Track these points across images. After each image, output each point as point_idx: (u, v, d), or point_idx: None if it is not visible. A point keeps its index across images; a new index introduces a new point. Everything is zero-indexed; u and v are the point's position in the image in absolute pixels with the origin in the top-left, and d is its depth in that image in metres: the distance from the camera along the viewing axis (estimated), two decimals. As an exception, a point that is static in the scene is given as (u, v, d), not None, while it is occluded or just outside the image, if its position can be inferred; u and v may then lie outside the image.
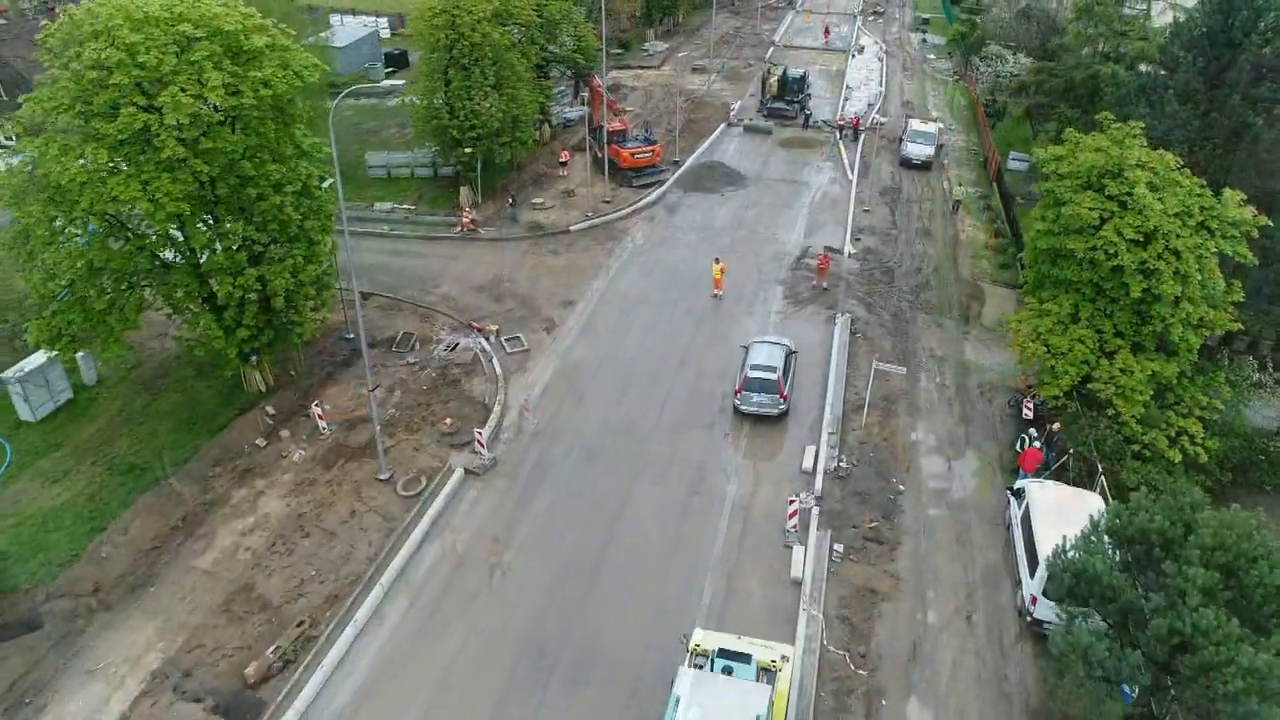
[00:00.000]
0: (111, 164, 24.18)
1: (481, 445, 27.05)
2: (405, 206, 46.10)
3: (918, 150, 51.38)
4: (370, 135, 57.36)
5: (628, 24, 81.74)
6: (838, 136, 55.68)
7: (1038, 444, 26.39)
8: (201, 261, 26.88)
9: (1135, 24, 47.76)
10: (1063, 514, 22.45)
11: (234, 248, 26.50)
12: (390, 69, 69.83)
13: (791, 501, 24.31)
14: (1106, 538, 17.72)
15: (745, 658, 18.72)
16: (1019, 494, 24.30)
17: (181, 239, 26.21)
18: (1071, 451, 25.86)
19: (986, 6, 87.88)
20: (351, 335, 33.90)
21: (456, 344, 33.64)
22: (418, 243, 42.19)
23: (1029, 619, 21.53)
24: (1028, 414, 29.19)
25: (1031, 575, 21.56)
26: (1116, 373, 24.90)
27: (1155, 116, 29.06)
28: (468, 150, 43.91)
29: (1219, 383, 26.90)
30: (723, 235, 42.62)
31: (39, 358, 28.94)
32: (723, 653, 18.91)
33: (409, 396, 30.65)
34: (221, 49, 25.03)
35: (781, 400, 28.52)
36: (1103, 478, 24.70)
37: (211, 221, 26.48)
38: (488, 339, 33.83)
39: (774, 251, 41.18)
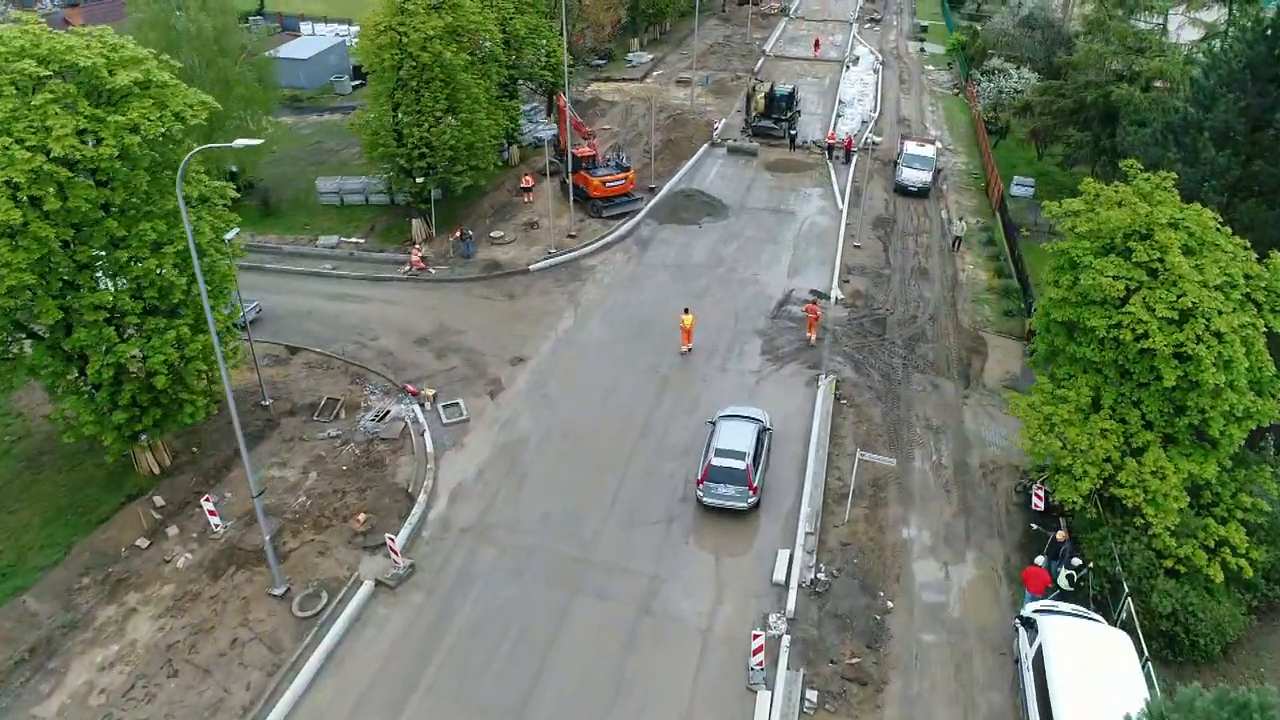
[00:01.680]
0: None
1: (395, 553, 22.97)
2: (353, 240, 42.05)
3: (914, 176, 47.29)
4: (329, 155, 53.44)
5: (612, 32, 77.78)
6: (828, 158, 51.64)
7: (1067, 553, 22.22)
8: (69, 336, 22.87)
9: (1151, 39, 43.67)
10: (1084, 660, 18.48)
11: (101, 320, 22.42)
12: (358, 82, 65.74)
13: (757, 636, 20.18)
14: (1147, 740, 13.69)
15: None
16: (1030, 624, 20.22)
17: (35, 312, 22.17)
18: (1092, 565, 21.78)
19: (988, 14, 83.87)
20: (268, 402, 29.85)
21: (387, 412, 29.57)
22: (361, 284, 38.14)
23: (1043, 799, 17.50)
24: (1038, 504, 25.14)
25: (1047, 745, 17.52)
26: (1147, 476, 20.80)
27: (1187, 163, 24.95)
28: (419, 180, 39.93)
29: (1264, 478, 22.80)
30: (698, 275, 38.56)
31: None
32: None
33: (324, 480, 26.58)
34: (77, 89, 21.04)
35: (751, 493, 24.44)
36: (1129, 601, 20.64)
37: (75, 291, 22.40)
38: (423, 406, 29.78)
39: (753, 295, 37.11)
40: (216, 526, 24.42)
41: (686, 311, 33.16)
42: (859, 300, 36.62)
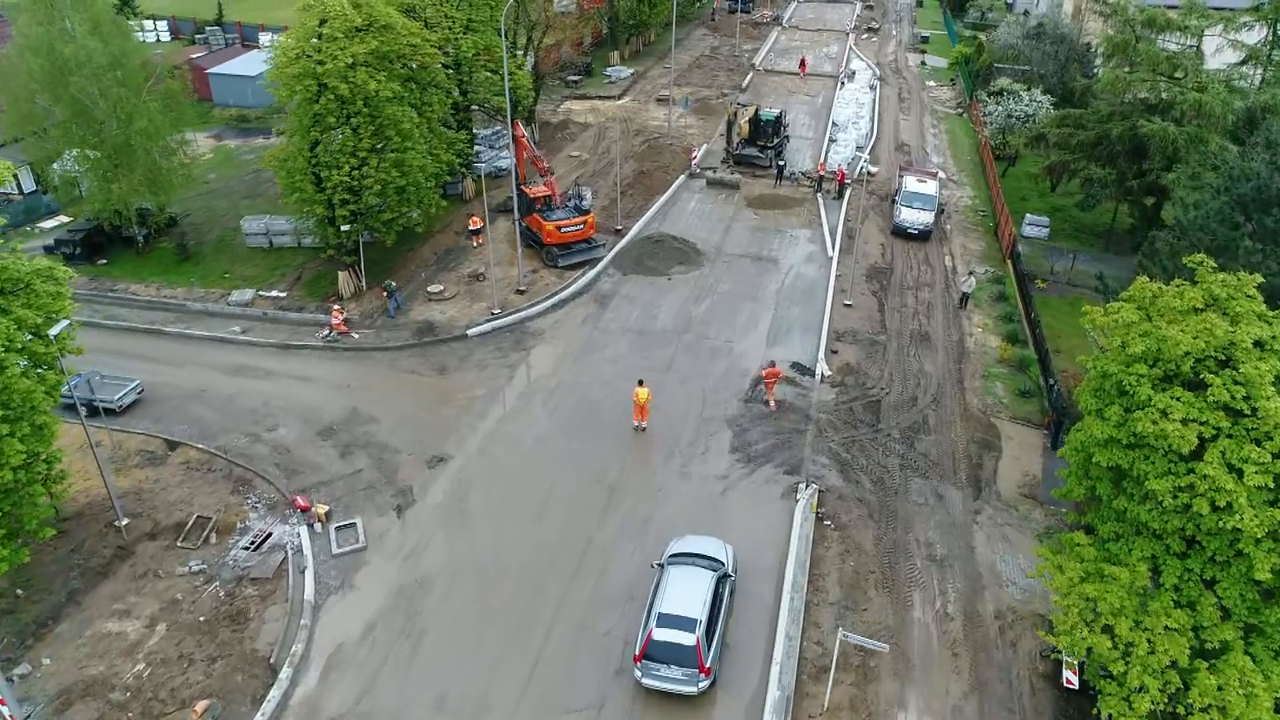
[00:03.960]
0: None
1: (228, 772, 17.56)
2: (271, 295, 36.58)
3: (914, 217, 41.78)
4: (268, 186, 47.89)
5: (593, 43, 72.36)
6: (818, 192, 46.13)
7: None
8: None
9: (1186, 62, 38.18)
10: None
11: None
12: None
13: None
14: None
15: None
16: None
17: None
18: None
19: (993, 23, 78.52)
20: (124, 521, 24.42)
21: (267, 535, 24.13)
22: (269, 354, 32.70)
23: None
24: (1070, 681, 19.66)
25: None
26: (1230, 696, 15.34)
27: (1266, 252, 19.51)
28: (343, 229, 34.49)
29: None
30: (662, 343, 33.06)
31: None
32: None
33: (172, 638, 21.11)
34: None
35: (702, 675, 18.97)
36: None
37: None
38: (312, 526, 24.33)
39: (725, 369, 31.62)
40: (11, 717, 18.96)
41: (641, 384, 27.89)
42: (849, 377, 31.10)
